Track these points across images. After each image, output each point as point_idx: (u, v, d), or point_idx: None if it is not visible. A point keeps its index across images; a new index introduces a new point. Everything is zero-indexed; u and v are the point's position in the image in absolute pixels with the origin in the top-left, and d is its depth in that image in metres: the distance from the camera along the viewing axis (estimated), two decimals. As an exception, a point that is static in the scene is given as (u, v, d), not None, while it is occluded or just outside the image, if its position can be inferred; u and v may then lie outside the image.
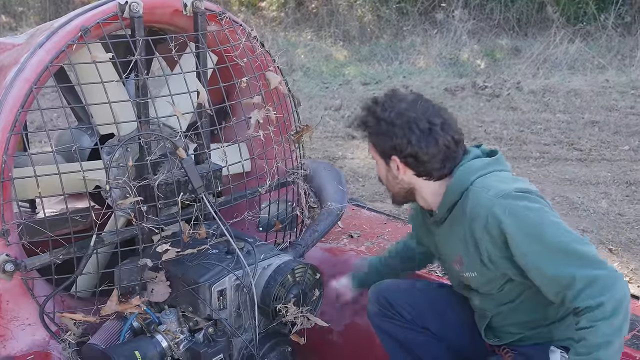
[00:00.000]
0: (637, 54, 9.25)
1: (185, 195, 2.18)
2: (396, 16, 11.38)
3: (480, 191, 1.87)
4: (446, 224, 2.01)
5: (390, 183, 2.05)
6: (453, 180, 1.94)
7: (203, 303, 2.08)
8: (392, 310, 2.29)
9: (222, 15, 2.35)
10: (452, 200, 1.95)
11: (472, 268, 1.95)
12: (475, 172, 1.92)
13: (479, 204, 1.85)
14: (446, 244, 2.06)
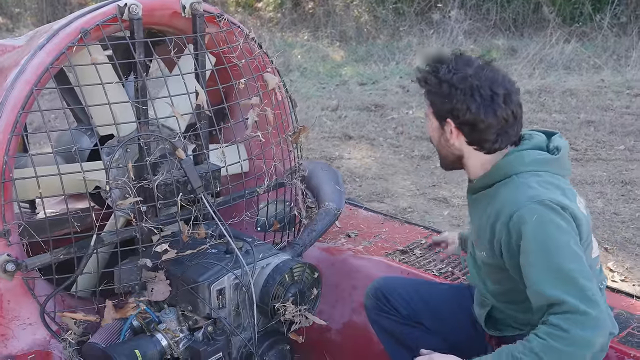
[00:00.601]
0: (633, 54, 9.28)
1: (185, 196, 2.20)
2: (392, 16, 11.40)
3: (522, 186, 1.85)
4: (478, 197, 2.00)
5: (441, 145, 2.00)
6: (504, 161, 1.92)
7: (202, 302, 2.10)
8: (389, 305, 2.31)
9: (220, 17, 2.37)
10: (494, 179, 1.93)
11: (482, 248, 1.97)
12: (530, 164, 1.90)
13: (514, 199, 1.83)
14: (472, 215, 2.08)
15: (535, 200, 1.79)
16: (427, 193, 5.08)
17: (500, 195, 1.89)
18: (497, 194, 1.91)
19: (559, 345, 1.70)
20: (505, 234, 1.84)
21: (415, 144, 6.17)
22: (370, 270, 2.69)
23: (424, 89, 1.96)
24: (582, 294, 1.72)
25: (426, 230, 3.08)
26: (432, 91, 1.93)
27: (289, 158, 2.64)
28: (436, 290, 2.36)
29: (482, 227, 1.96)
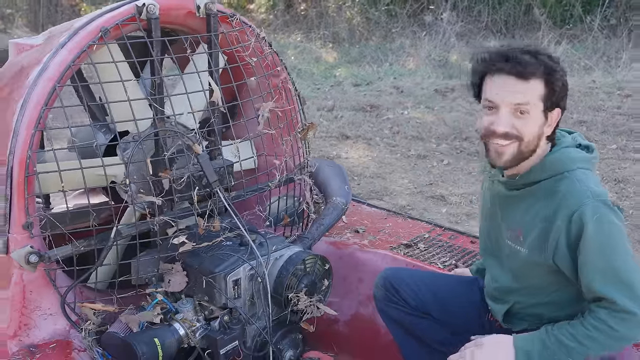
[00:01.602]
0: (623, 55, 9.40)
1: (200, 190, 2.27)
2: (385, 18, 11.50)
3: (580, 183, 1.86)
4: (521, 193, 1.99)
5: (533, 142, 1.91)
6: (555, 158, 1.93)
7: (219, 292, 2.17)
8: (397, 295, 2.34)
9: (232, 17, 2.45)
10: (544, 175, 1.93)
11: (526, 245, 1.96)
12: (578, 161, 1.92)
13: (576, 196, 1.84)
14: (510, 211, 2.04)
15: (597, 199, 1.82)
16: (424, 191, 5.17)
17: (558, 193, 1.89)
18: (550, 191, 1.91)
19: (602, 338, 1.81)
20: (565, 232, 1.85)
21: (412, 144, 6.26)
22: (376, 263, 2.76)
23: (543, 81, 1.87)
24: (633, 294, 1.80)
25: (429, 225, 3.16)
26: (556, 81, 1.88)
27: (298, 154, 2.71)
28: (444, 282, 2.42)
29: (527, 223, 1.96)
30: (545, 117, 1.90)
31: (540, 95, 1.87)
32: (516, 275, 2.06)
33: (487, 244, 2.21)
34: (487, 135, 1.92)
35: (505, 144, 1.90)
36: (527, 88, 1.86)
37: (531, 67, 1.84)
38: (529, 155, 1.93)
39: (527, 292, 2.05)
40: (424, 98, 7.76)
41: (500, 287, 2.14)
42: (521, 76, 1.85)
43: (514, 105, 1.87)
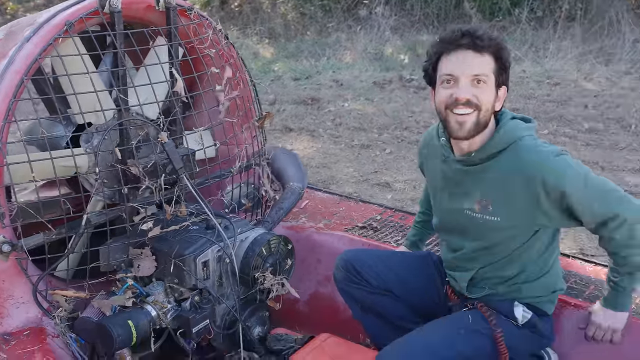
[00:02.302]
0: (550, 45, 9.78)
1: (166, 177, 2.35)
2: (320, 13, 11.64)
3: (536, 148, 2.06)
4: (482, 167, 2.14)
5: (488, 112, 2.08)
6: (506, 129, 2.09)
7: (188, 274, 2.26)
8: (359, 276, 2.42)
9: (190, 10, 2.53)
10: (498, 148, 2.10)
11: (498, 213, 2.12)
12: (523, 130, 2.10)
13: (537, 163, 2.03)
14: (473, 185, 2.18)
15: (555, 155, 2.04)
16: (370, 179, 5.33)
17: (519, 160, 2.06)
18: (512, 159, 2.08)
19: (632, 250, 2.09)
20: (543, 194, 2.03)
21: (354, 134, 6.42)
22: (333, 244, 2.89)
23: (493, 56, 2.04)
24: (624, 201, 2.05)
25: (380, 207, 3.30)
26: (503, 60, 2.07)
27: (256, 142, 2.81)
28: (401, 259, 2.53)
29: (495, 193, 2.12)
30: (496, 92, 2.08)
31: (493, 69, 2.05)
32: (482, 242, 2.21)
33: (445, 220, 2.34)
34: (450, 104, 2.07)
35: (467, 113, 2.05)
36: (482, 61, 2.03)
37: (485, 42, 2.02)
38: (484, 126, 2.09)
39: (492, 256, 2.21)
40: (363, 90, 7.93)
41: (463, 256, 2.28)
42: (477, 50, 2.02)
43: (472, 76, 2.03)
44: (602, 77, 8.34)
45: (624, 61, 9.14)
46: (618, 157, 5.75)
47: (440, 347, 2.14)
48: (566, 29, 10.64)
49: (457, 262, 2.31)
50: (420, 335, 2.20)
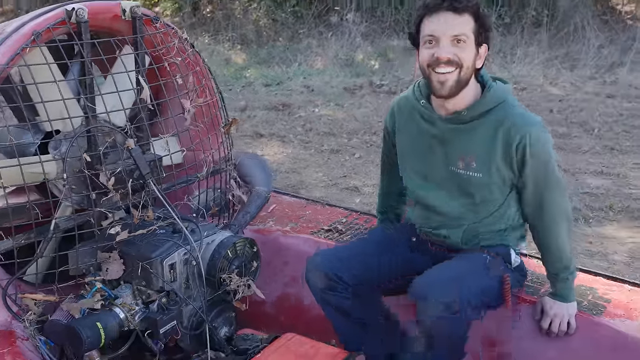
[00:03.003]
0: (517, 51, 9.96)
1: (133, 182, 2.41)
2: (291, 19, 11.73)
3: (520, 109, 2.27)
4: (470, 125, 2.29)
5: (469, 69, 2.23)
6: (494, 90, 2.27)
7: (156, 276, 2.32)
8: (340, 282, 2.43)
9: (156, 20, 2.60)
10: (488, 106, 2.26)
11: (480, 169, 2.30)
12: (508, 92, 2.31)
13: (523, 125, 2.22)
14: (459, 143, 2.32)
15: (540, 124, 2.26)
16: (339, 183, 5.42)
17: (506, 119, 2.24)
18: (499, 118, 2.25)
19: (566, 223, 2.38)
20: (520, 154, 2.23)
21: (324, 139, 6.51)
22: (299, 247, 2.97)
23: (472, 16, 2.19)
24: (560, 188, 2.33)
25: (345, 210, 3.39)
26: (485, 20, 2.23)
27: (222, 148, 2.88)
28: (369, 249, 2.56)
29: (480, 151, 2.28)
30: (476, 50, 2.23)
31: (472, 28, 2.20)
32: (468, 199, 2.38)
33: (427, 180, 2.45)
34: (432, 63, 2.22)
35: (448, 72, 2.20)
36: (461, 21, 2.18)
37: (463, 3, 2.18)
38: (465, 83, 2.24)
39: (479, 213, 2.38)
40: (333, 96, 8.03)
41: (450, 214, 2.42)
42: (456, 11, 2.18)
43: (452, 36, 2.19)
44: (567, 82, 8.53)
45: (589, 66, 9.36)
46: (581, 160, 5.90)
47: (468, 279, 2.26)
48: (533, 35, 10.85)
49: (445, 220, 2.43)
50: (449, 268, 2.32)
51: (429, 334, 2.20)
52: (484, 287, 2.30)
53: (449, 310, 2.14)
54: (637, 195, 5.11)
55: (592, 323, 2.42)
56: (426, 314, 2.17)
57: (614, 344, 2.36)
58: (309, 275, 2.49)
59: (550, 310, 2.42)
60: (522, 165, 2.26)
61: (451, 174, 2.37)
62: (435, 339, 2.20)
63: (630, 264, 4.06)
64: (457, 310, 2.15)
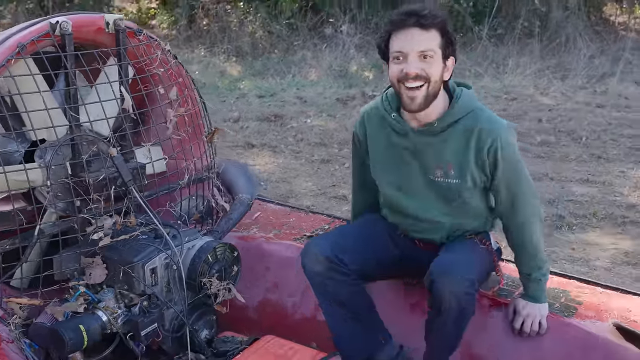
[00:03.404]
0: (509, 62, 10.06)
1: (116, 189, 2.49)
2: (286, 32, 11.84)
3: (489, 117, 2.35)
4: (442, 136, 2.38)
5: (438, 83, 2.31)
6: (463, 99, 2.36)
7: (137, 280, 2.39)
8: (342, 265, 2.45)
9: (139, 32, 2.68)
10: (458, 116, 2.35)
11: (458, 176, 2.40)
12: (473, 98, 2.40)
13: (492, 130, 2.31)
14: (434, 153, 2.41)
15: (508, 127, 2.35)
16: (327, 192, 5.49)
17: (475, 127, 2.33)
18: (469, 126, 2.34)
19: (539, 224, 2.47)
20: (492, 157, 2.33)
21: (315, 150, 6.59)
22: (281, 253, 3.04)
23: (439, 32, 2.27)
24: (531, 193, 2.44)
25: (328, 217, 3.46)
26: (449, 33, 2.30)
27: (205, 156, 2.96)
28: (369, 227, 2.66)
29: (456, 159, 2.38)
30: (444, 64, 2.31)
31: (439, 43, 2.27)
32: (448, 204, 2.48)
33: (400, 190, 2.53)
34: (401, 78, 2.30)
35: (416, 86, 2.28)
36: (428, 37, 2.26)
37: (429, 19, 2.26)
38: (434, 97, 2.32)
39: (459, 215, 2.50)
40: (326, 107, 8.11)
41: (429, 220, 2.52)
42: (423, 27, 2.25)
43: (419, 52, 2.26)
44: (557, 92, 8.61)
45: (580, 76, 9.44)
46: (567, 169, 5.98)
47: (477, 263, 2.43)
48: (525, 46, 10.97)
49: (425, 225, 2.54)
50: (456, 252, 2.44)
51: (455, 308, 2.30)
52: (483, 268, 2.51)
53: (473, 287, 2.30)
54: (621, 203, 5.19)
55: (563, 324, 2.50)
56: (452, 290, 2.27)
57: (583, 344, 2.43)
58: (306, 261, 2.48)
59: (523, 310, 2.50)
60: (495, 168, 2.36)
61: (430, 183, 2.47)
62: (459, 314, 2.32)
63: (611, 269, 4.13)
64: (477, 289, 2.36)
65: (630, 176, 5.78)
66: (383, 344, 2.55)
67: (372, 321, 2.58)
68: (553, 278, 2.82)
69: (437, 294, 2.29)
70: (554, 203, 5.14)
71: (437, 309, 2.33)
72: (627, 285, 3.57)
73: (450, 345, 2.43)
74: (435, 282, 2.29)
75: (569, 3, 12.01)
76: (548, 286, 2.70)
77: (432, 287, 2.32)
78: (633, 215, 4.94)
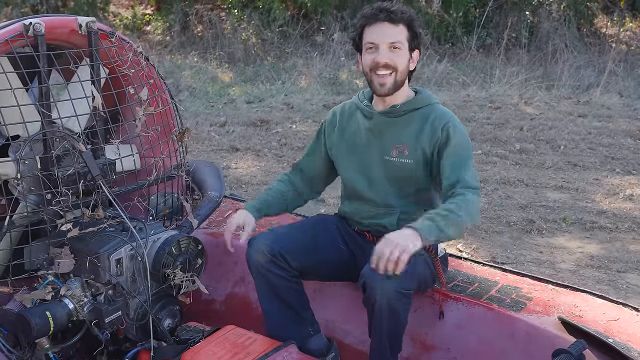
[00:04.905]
0: (496, 72, 10.22)
1: (85, 183, 2.60)
2: (278, 39, 11.98)
3: (443, 110, 2.61)
4: (403, 118, 2.61)
5: (404, 72, 2.57)
6: (424, 94, 2.64)
7: (103, 270, 2.50)
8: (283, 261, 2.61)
9: (112, 34, 2.80)
10: (419, 105, 2.60)
11: (412, 157, 2.59)
12: (435, 99, 2.65)
13: (446, 116, 2.57)
14: (393, 133, 2.62)
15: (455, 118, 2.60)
16: (306, 195, 5.60)
17: (430, 116, 2.57)
18: (426, 115, 2.58)
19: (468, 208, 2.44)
20: (445, 134, 2.53)
21: (297, 154, 6.71)
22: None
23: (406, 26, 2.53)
24: (474, 176, 2.54)
25: (298, 216, 3.57)
26: (416, 27, 2.56)
27: (175, 155, 3.08)
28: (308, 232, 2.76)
29: (410, 140, 2.59)
30: (410, 55, 2.58)
31: (406, 36, 2.55)
32: (401, 185, 2.65)
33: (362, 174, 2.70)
34: (372, 67, 2.55)
35: (386, 74, 2.54)
36: (397, 31, 2.54)
37: (398, 15, 2.54)
38: (401, 84, 2.58)
39: (409, 197, 2.65)
40: (312, 113, 8.24)
41: (384, 203, 2.67)
42: (392, 22, 2.53)
43: (389, 44, 2.53)
44: (541, 102, 8.76)
45: (566, 87, 9.61)
46: (543, 175, 6.11)
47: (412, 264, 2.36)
48: (512, 56, 11.12)
49: (380, 210, 2.68)
50: None
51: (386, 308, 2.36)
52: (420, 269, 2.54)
53: (403, 285, 2.36)
54: (592, 209, 5.32)
55: (510, 318, 2.61)
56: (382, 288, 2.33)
57: (528, 336, 2.55)
58: (251, 252, 2.65)
59: (387, 235, 2.33)
60: (446, 144, 2.53)
61: (385, 163, 2.65)
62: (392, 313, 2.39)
63: (576, 272, 4.25)
64: (411, 287, 2.40)
65: (603, 183, 5.92)
66: (312, 335, 2.70)
67: (304, 315, 2.71)
68: (507, 275, 2.95)
69: (369, 292, 2.39)
70: (525, 208, 5.27)
71: (370, 309, 2.43)
72: (589, 287, 3.70)
73: (390, 342, 2.48)
74: (367, 281, 2.39)
75: (558, 14, 12.18)
76: (501, 283, 2.83)
77: (365, 286, 2.41)
78: (602, 221, 5.07)
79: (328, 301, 2.48)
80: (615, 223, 5.08)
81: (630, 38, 12.91)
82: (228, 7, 12.67)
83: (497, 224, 5.03)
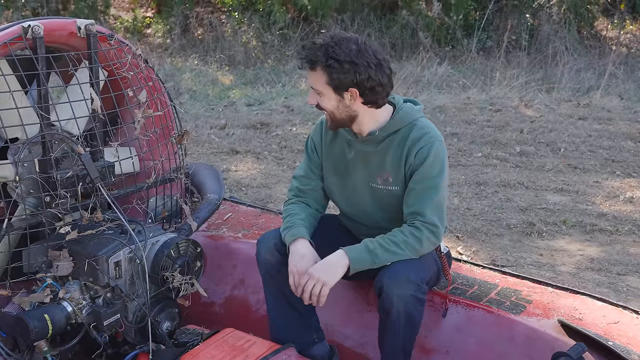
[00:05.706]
0: (496, 75, 10.21)
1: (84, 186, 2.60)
2: (279, 42, 11.99)
3: (425, 128, 2.47)
4: (382, 145, 2.50)
5: (339, 111, 2.42)
6: (401, 113, 2.49)
7: (101, 273, 2.50)
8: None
9: (111, 37, 2.80)
10: (397, 127, 2.48)
11: (396, 183, 2.52)
12: (417, 112, 2.52)
13: (423, 139, 2.44)
14: (375, 161, 2.54)
15: (439, 140, 2.48)
16: (305, 198, 5.59)
17: (409, 138, 2.46)
18: (405, 137, 2.47)
19: (414, 244, 2.41)
20: (418, 159, 2.44)
21: (297, 157, 6.70)
22: (247, 251, 3.14)
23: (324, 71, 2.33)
24: (439, 213, 2.45)
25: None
26: (334, 72, 2.32)
27: (175, 157, 3.07)
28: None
29: (392, 166, 2.51)
30: (340, 96, 2.40)
31: (325, 81, 2.37)
32: (386, 210, 2.59)
33: (348, 198, 2.67)
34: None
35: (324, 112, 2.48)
36: (315, 77, 2.39)
37: (312, 59, 2.36)
38: (347, 120, 2.47)
39: (393, 220, 2.56)
40: (312, 115, 8.23)
41: (375, 226, 2.61)
42: (311, 67, 2.40)
43: (313, 88, 2.43)
44: (541, 104, 8.74)
45: (566, 89, 9.59)
46: (543, 178, 6.11)
47: (424, 267, 2.48)
48: (512, 59, 11.12)
49: (371, 230, 2.60)
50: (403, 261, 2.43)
51: (402, 311, 2.38)
52: (432, 272, 2.57)
53: (419, 290, 2.39)
54: (592, 211, 5.32)
55: (509, 321, 2.61)
56: (399, 293, 2.36)
57: (527, 339, 2.54)
58: (261, 249, 2.63)
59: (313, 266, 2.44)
60: (416, 170, 2.46)
61: (372, 190, 2.59)
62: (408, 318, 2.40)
63: (576, 275, 4.24)
64: (425, 291, 2.44)
65: (603, 186, 5.92)
66: (316, 342, 2.69)
67: (309, 320, 2.70)
68: (507, 278, 2.94)
69: (385, 297, 2.39)
70: (526, 211, 5.27)
71: (386, 313, 2.43)
72: (589, 290, 3.70)
73: (404, 349, 2.49)
74: (384, 286, 2.40)
75: (558, 17, 12.19)
76: (501, 286, 2.82)
77: (381, 291, 2.42)
78: (602, 224, 5.07)
79: (327, 304, 2.47)
80: (615, 226, 5.07)
81: (631, 41, 12.91)
82: (228, 10, 12.68)
83: (497, 227, 5.03)
